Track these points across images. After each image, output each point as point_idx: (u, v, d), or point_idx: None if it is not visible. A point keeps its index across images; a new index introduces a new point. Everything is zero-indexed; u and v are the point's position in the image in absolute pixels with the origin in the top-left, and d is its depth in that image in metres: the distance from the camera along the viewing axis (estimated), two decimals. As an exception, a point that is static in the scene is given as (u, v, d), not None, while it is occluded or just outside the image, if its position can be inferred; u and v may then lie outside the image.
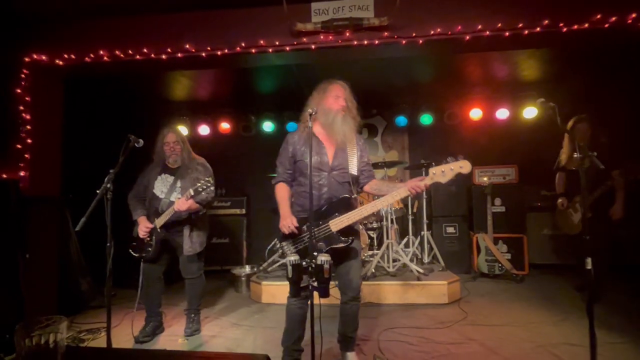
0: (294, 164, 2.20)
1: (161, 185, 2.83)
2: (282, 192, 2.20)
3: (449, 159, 1.99)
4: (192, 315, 2.93)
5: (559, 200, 3.63)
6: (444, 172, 1.98)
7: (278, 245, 2.25)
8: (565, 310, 3.19)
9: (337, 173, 2.14)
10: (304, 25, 2.88)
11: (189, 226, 2.79)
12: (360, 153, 2.21)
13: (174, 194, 2.78)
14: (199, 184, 2.49)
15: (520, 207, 4.74)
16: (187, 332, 2.87)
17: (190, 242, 2.79)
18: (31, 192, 3.00)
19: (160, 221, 2.71)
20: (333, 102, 2.16)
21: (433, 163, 2.19)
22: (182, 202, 2.55)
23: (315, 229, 2.03)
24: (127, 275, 3.56)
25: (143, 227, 2.74)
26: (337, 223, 2.04)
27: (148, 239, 2.76)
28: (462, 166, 1.97)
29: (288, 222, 2.06)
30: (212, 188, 2.58)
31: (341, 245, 2.04)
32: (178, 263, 2.90)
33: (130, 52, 3.06)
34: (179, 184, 2.81)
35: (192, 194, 2.51)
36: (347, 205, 2.08)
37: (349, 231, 2.07)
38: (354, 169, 2.16)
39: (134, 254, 2.81)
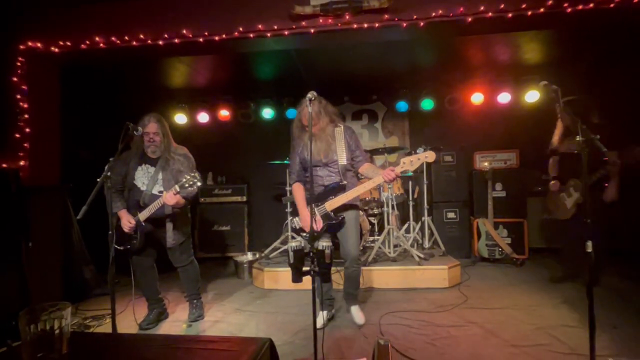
0: (301, 164, 2.77)
1: (142, 177, 2.73)
2: (298, 192, 2.76)
3: (419, 149, 2.32)
4: (194, 301, 2.96)
5: (552, 182, 3.59)
6: (412, 162, 2.36)
7: (298, 236, 2.71)
8: (564, 293, 3.22)
9: (330, 166, 2.65)
10: (303, 9, 2.83)
11: (171, 219, 2.73)
12: (347, 145, 2.66)
13: (155, 187, 2.69)
14: (185, 179, 2.43)
15: (521, 192, 4.74)
16: (191, 317, 2.91)
17: (173, 235, 2.75)
18: (31, 181, 3.00)
19: (144, 215, 2.62)
20: (305, 129, 2.66)
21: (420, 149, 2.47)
22: (170, 197, 2.50)
23: (315, 209, 2.56)
24: (129, 263, 3.59)
25: (126, 222, 2.63)
26: (330, 204, 2.56)
27: (131, 232, 2.66)
28: (427, 156, 2.34)
29: (308, 222, 2.35)
30: (199, 184, 2.49)
31: (334, 222, 2.57)
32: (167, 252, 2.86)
33: (126, 38, 3.01)
34: (160, 175, 2.71)
35: (178, 189, 2.46)
36: (338, 190, 2.58)
37: (342, 210, 2.60)
38: (343, 160, 2.63)
39: (118, 247, 2.65)
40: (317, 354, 1.78)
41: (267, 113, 5.23)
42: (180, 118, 5.26)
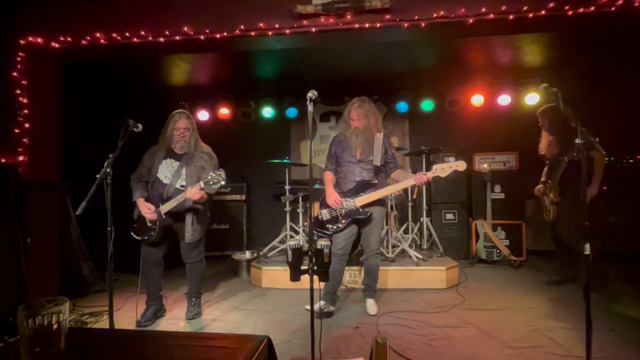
0: (336, 159, 2.99)
1: (165, 170, 2.80)
2: (328, 176, 3.00)
3: (451, 159, 2.79)
4: (193, 299, 2.97)
5: (537, 187, 3.64)
6: (443, 169, 2.63)
7: (318, 213, 2.96)
8: (561, 296, 3.24)
9: (364, 164, 2.87)
10: (305, 8, 2.82)
11: (191, 214, 2.78)
12: (384, 149, 2.89)
13: (178, 181, 2.75)
14: (210, 177, 2.45)
15: (520, 194, 4.75)
16: (189, 315, 2.91)
17: (192, 230, 2.78)
18: (30, 177, 2.99)
19: (166, 207, 2.67)
20: (351, 122, 2.94)
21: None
22: (195, 192, 2.55)
23: (345, 204, 2.82)
24: (127, 259, 3.59)
25: (145, 209, 2.69)
26: (360, 200, 2.79)
27: (151, 223, 2.74)
28: (459, 165, 2.61)
29: (334, 197, 2.82)
30: (223, 182, 2.50)
31: (362, 217, 2.79)
32: (178, 248, 2.91)
33: (127, 34, 3.00)
34: (184, 171, 2.77)
35: (203, 186, 2.51)
36: (368, 187, 2.81)
37: (369, 206, 2.80)
38: (377, 161, 2.85)
39: (136, 237, 2.79)
40: (314, 353, 1.78)
41: (267, 112, 5.23)
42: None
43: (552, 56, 4.24)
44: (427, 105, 5.06)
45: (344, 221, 2.81)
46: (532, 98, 4.73)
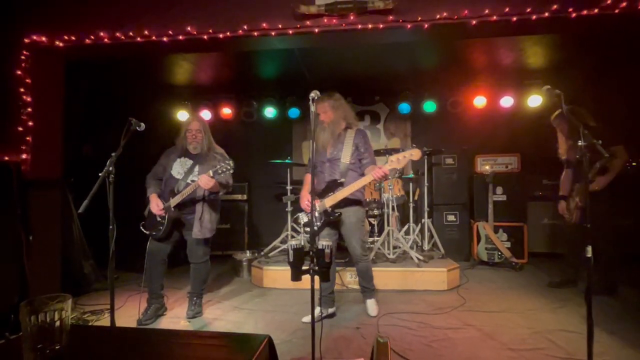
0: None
1: (179, 167, 2.89)
2: (306, 179, 2.97)
3: (407, 148, 2.66)
4: (195, 298, 2.97)
5: (559, 203, 3.49)
6: (399, 160, 2.48)
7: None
8: (563, 298, 3.22)
9: (333, 163, 2.79)
10: (308, 8, 2.83)
11: (202, 208, 2.83)
12: (355, 146, 2.78)
13: (190, 177, 2.83)
14: (220, 166, 2.57)
15: (522, 196, 4.74)
16: (189, 314, 2.91)
17: (200, 226, 2.81)
18: (33, 175, 3.00)
19: (175, 200, 2.75)
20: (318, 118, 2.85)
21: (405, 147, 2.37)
22: (206, 180, 2.59)
23: (318, 206, 2.73)
24: (129, 258, 3.60)
25: (154, 205, 2.78)
26: (328, 200, 2.70)
27: (161, 217, 2.79)
28: (413, 154, 2.44)
29: (304, 200, 2.81)
30: (232, 171, 2.66)
31: (332, 218, 2.70)
32: (184, 247, 2.94)
33: (131, 34, 3.01)
34: (197, 168, 2.85)
35: (212, 174, 2.59)
36: (336, 187, 2.70)
37: (342, 207, 2.71)
38: (346, 159, 2.75)
39: (145, 231, 2.86)
40: (314, 353, 1.78)
41: (270, 112, 5.23)
42: (183, 115, 5.26)
43: (555, 58, 4.23)
44: (429, 106, 5.05)
45: (318, 223, 2.77)
46: (535, 100, 4.73)
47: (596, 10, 2.60)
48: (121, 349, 1.14)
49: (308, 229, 2.83)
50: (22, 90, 3.04)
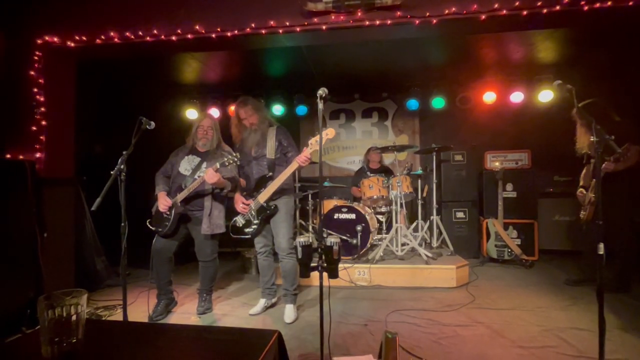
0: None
1: (186, 164, 2.92)
2: (240, 183, 2.98)
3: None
4: (204, 294, 3.01)
5: (578, 191, 3.43)
6: (317, 141, 2.38)
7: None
8: (574, 296, 3.19)
9: (259, 160, 2.91)
10: (315, 5, 2.82)
11: (210, 203, 2.85)
12: (279, 142, 2.90)
13: (198, 173, 2.85)
14: (226, 159, 2.61)
15: (532, 193, 4.68)
16: (199, 310, 2.95)
17: (209, 222, 2.83)
18: (47, 173, 3.06)
19: (182, 195, 2.78)
20: (244, 122, 2.97)
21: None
22: (211, 174, 2.62)
23: (253, 204, 2.83)
24: (140, 255, 3.66)
25: (162, 202, 2.81)
26: (262, 196, 2.78)
27: (167, 213, 2.82)
28: (327, 133, 2.40)
29: (239, 203, 2.89)
30: (238, 163, 2.74)
31: (269, 211, 2.80)
32: (192, 243, 2.96)
33: (140, 33, 3.04)
34: (204, 165, 2.88)
35: (218, 167, 2.63)
36: (266, 181, 2.81)
37: (275, 199, 2.81)
38: (271, 155, 2.87)
39: (151, 227, 2.90)
40: (322, 350, 1.79)
41: (277, 109, 5.25)
42: (192, 113, 5.31)
43: (566, 52, 4.16)
44: (438, 102, 5.02)
45: (256, 221, 2.83)
46: (546, 95, 4.65)
47: (609, 3, 2.55)
48: (135, 343, 1.16)
49: (247, 230, 2.87)
50: (35, 90, 3.10)
